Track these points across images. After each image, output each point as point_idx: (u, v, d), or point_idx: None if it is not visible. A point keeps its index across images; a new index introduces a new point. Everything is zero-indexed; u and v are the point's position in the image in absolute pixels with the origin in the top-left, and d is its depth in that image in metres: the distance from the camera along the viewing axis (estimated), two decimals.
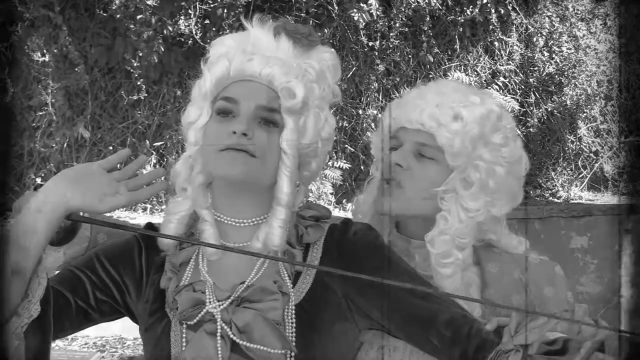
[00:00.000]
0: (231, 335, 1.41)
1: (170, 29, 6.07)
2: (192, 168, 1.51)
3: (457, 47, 6.97)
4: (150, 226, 1.59)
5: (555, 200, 7.24)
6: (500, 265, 1.70)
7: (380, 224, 1.72)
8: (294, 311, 1.44)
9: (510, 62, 7.25)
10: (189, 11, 6.17)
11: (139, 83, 6.09)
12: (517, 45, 7.26)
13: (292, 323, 1.43)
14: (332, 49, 1.60)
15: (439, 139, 1.65)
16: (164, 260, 1.54)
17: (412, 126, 1.69)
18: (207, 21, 6.24)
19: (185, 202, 1.51)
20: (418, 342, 1.45)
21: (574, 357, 1.19)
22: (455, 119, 1.66)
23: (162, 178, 1.46)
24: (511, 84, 7.24)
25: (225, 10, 6.18)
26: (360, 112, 6.62)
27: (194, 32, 6.13)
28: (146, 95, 6.16)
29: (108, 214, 1.48)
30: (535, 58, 7.32)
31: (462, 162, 1.66)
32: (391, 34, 6.61)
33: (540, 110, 7.34)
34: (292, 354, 1.41)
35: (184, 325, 1.45)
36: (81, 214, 1.33)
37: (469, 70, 7.06)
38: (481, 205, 1.66)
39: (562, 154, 7.50)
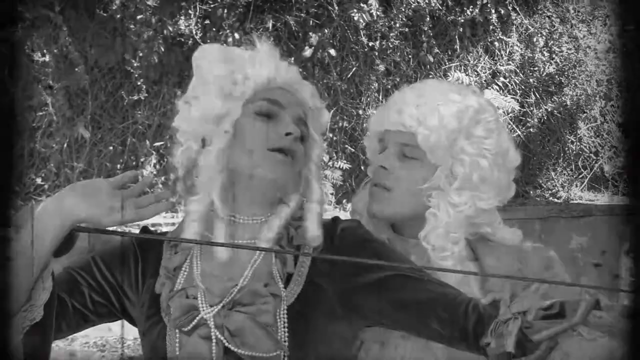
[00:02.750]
0: (223, 340, 1.42)
1: (170, 29, 6.07)
2: (218, 162, 1.49)
3: (457, 47, 6.97)
4: (145, 230, 1.60)
5: (556, 200, 7.24)
6: (498, 258, 1.71)
7: (375, 224, 1.74)
8: (286, 313, 1.44)
9: (510, 62, 7.25)
10: (189, 11, 6.16)
11: (139, 83, 6.08)
12: (517, 45, 7.26)
13: (284, 325, 1.44)
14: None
15: (419, 138, 1.68)
16: (160, 265, 1.54)
17: (394, 128, 1.72)
18: (207, 21, 6.24)
19: (203, 200, 1.49)
20: (417, 329, 1.46)
21: (572, 317, 1.20)
22: (432, 116, 1.68)
23: (169, 199, 1.48)
24: (511, 84, 7.24)
25: (225, 10, 6.18)
26: (360, 112, 6.62)
27: (194, 32, 6.13)
28: (146, 95, 6.16)
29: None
30: (536, 58, 7.32)
31: (443, 157, 1.68)
32: (391, 34, 6.61)
33: (540, 110, 7.34)
34: (286, 355, 1.42)
35: (177, 331, 1.46)
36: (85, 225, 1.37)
37: (469, 71, 7.06)
38: (467, 199, 1.68)
39: (562, 154, 7.49)
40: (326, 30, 6.45)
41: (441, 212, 1.67)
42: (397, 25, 6.58)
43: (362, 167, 6.59)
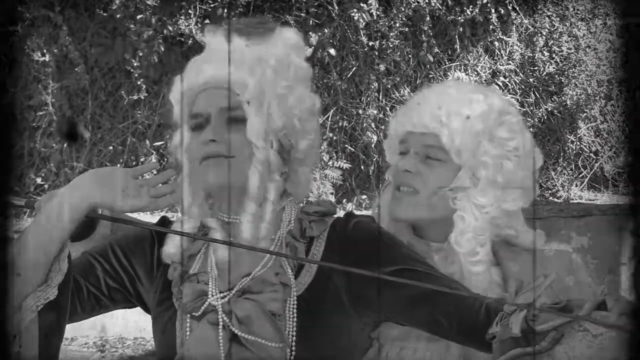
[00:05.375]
0: (230, 326, 1.44)
1: (170, 29, 6.07)
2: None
3: (457, 47, 6.97)
4: (163, 219, 1.63)
5: (555, 200, 7.24)
6: (521, 264, 1.70)
7: (396, 227, 1.72)
8: (295, 303, 1.46)
9: (510, 62, 7.25)
10: (189, 11, 6.17)
11: (139, 83, 6.09)
12: (517, 45, 7.26)
13: (293, 315, 1.45)
14: (294, 29, 1.62)
15: (443, 139, 1.66)
16: None
17: (416, 129, 1.71)
18: (207, 21, 6.24)
19: (190, 221, 1.54)
20: (425, 324, 1.47)
21: (577, 313, 1.21)
22: (456, 117, 1.66)
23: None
24: (511, 84, 7.24)
25: (226, 10, 6.18)
26: (360, 112, 6.62)
27: (194, 32, 6.13)
28: (146, 95, 6.16)
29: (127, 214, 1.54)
30: (536, 58, 7.32)
31: (467, 159, 1.66)
32: (391, 34, 6.61)
33: (540, 110, 7.34)
34: (292, 348, 1.43)
35: (188, 315, 1.48)
36: (101, 210, 1.41)
37: (469, 70, 7.06)
38: (492, 200, 1.66)
39: (562, 154, 7.49)
40: (326, 30, 6.45)
41: (468, 215, 1.65)
42: (397, 25, 6.58)
43: (362, 167, 6.60)
